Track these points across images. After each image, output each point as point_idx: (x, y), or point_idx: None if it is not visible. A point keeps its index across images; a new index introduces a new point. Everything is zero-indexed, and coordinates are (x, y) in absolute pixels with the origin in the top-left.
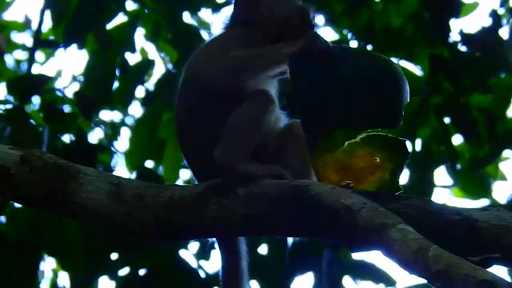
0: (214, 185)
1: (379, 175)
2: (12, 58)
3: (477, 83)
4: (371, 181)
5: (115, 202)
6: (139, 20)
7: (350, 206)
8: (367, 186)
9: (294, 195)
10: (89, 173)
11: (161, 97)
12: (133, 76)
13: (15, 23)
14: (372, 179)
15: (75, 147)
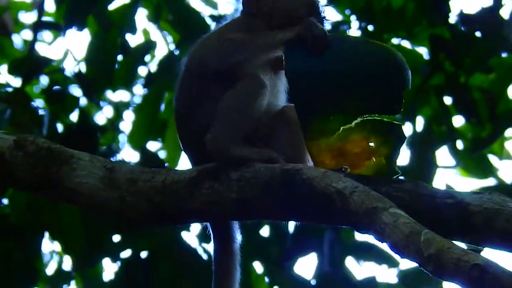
0: (206, 169)
1: (375, 159)
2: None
3: (477, 63)
4: (367, 166)
5: (108, 187)
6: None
7: (342, 190)
8: (363, 171)
9: (286, 179)
10: (82, 158)
11: (162, 78)
12: (134, 57)
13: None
14: (368, 164)
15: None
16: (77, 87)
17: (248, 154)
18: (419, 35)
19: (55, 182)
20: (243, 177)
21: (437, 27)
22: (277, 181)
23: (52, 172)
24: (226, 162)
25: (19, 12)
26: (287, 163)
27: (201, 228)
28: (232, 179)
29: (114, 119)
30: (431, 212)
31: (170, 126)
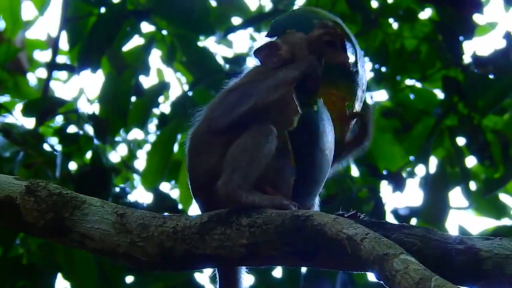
0: (218, 215)
1: None
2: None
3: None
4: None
5: (120, 232)
6: (154, 43)
7: (353, 236)
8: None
9: (297, 225)
10: (94, 203)
11: (176, 119)
12: (148, 98)
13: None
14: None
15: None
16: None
17: (259, 200)
18: (433, 77)
19: (67, 228)
20: (254, 223)
21: (451, 69)
22: (288, 227)
23: (64, 218)
24: (237, 208)
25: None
26: (298, 209)
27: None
28: (243, 225)
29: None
30: (442, 257)
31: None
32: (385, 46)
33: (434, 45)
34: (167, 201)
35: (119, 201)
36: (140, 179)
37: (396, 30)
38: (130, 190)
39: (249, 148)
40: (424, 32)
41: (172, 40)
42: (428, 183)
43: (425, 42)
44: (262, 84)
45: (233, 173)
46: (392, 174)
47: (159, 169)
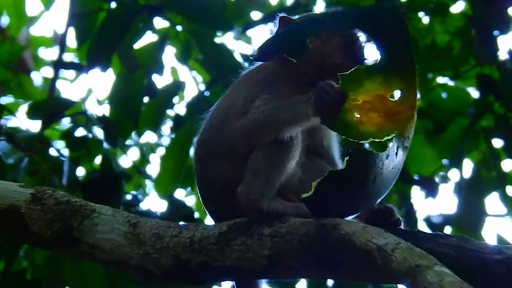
0: (237, 224)
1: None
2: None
3: None
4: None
5: (133, 243)
6: (168, 39)
7: (383, 246)
8: (390, 129)
9: (323, 234)
10: (104, 212)
11: (192, 121)
12: (161, 99)
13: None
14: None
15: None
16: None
17: (283, 208)
18: (466, 74)
19: (75, 238)
20: (277, 232)
21: (485, 66)
22: (313, 236)
23: (72, 228)
24: (258, 216)
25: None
26: (324, 218)
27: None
28: (265, 235)
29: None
30: (478, 269)
31: None
32: (415, 41)
33: (467, 40)
34: (183, 209)
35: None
36: (153, 185)
37: (427, 25)
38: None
39: (274, 152)
40: (456, 26)
41: (187, 36)
42: (463, 189)
43: (457, 38)
44: (280, 115)
45: (255, 178)
46: (424, 179)
47: (174, 175)
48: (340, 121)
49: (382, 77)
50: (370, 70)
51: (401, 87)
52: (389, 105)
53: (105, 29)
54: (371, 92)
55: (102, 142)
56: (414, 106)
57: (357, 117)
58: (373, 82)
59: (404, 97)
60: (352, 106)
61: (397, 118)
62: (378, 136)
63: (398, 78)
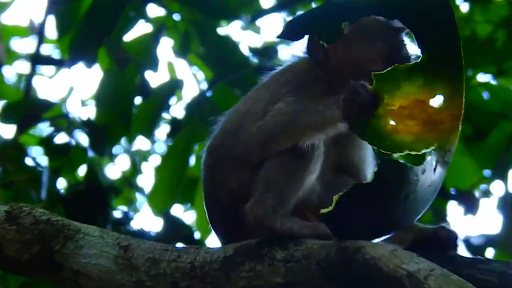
0: (245, 247)
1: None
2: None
3: None
4: (434, 132)
5: (124, 269)
6: (164, 30)
7: (415, 273)
8: (430, 139)
9: (345, 259)
10: (91, 233)
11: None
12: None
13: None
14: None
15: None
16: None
17: (298, 228)
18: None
19: (57, 263)
20: (291, 256)
21: None
22: (333, 261)
23: (53, 251)
24: (270, 237)
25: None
26: (345, 240)
27: None
28: (277, 259)
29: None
30: None
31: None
32: None
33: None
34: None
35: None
36: (146, 200)
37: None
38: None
39: (291, 162)
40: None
41: (186, 26)
42: (508, 204)
43: (502, 28)
44: (303, 118)
45: (266, 193)
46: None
47: (171, 188)
48: (372, 128)
49: (423, 79)
50: (409, 70)
51: (445, 92)
52: (430, 112)
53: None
54: (409, 96)
55: (87, 149)
56: (459, 114)
57: (391, 125)
58: (412, 84)
59: (448, 103)
60: (386, 112)
61: (438, 128)
62: (415, 148)
63: (442, 81)
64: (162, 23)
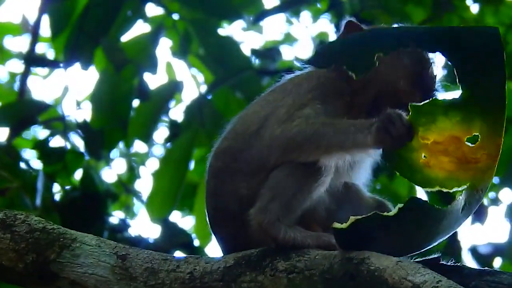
0: (247, 257)
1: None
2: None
3: None
4: (467, 171)
5: (121, 279)
6: (163, 30)
7: (420, 285)
8: (462, 179)
9: (349, 270)
10: (88, 242)
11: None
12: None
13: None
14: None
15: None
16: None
17: (302, 238)
18: None
19: (52, 273)
20: (294, 267)
21: None
22: (337, 272)
23: (49, 261)
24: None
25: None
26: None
27: None
28: (280, 270)
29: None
30: None
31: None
32: None
33: None
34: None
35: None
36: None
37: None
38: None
39: (301, 173)
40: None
41: (186, 26)
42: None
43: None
44: (333, 135)
45: (272, 201)
46: None
47: (170, 194)
48: (404, 160)
49: (461, 116)
50: (448, 105)
51: (483, 131)
52: (465, 150)
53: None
54: (445, 131)
55: (83, 154)
56: (496, 155)
57: (424, 159)
58: (449, 120)
59: (485, 143)
60: (420, 145)
61: (472, 167)
62: (447, 185)
63: (481, 120)
64: (161, 23)
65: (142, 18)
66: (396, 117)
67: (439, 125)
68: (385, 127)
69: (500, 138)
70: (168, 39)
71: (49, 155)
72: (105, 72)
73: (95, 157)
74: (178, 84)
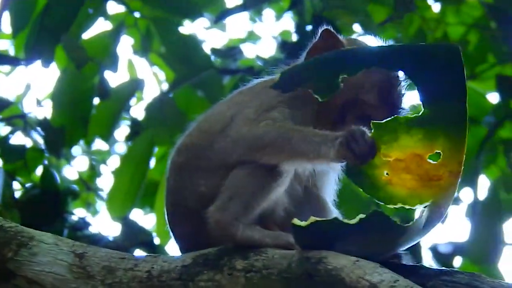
0: (205, 256)
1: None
2: None
3: None
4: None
5: (79, 278)
6: (124, 28)
7: (377, 284)
8: (425, 196)
9: (307, 269)
10: (45, 240)
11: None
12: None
13: None
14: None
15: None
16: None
17: (260, 237)
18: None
19: (9, 271)
20: (252, 266)
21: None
22: (295, 271)
23: (6, 259)
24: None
25: None
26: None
27: None
28: (237, 269)
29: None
30: None
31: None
32: (423, 34)
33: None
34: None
35: (77, 234)
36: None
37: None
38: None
39: (261, 173)
40: (473, 17)
41: (148, 25)
42: (477, 212)
43: (474, 30)
44: (298, 142)
45: (231, 200)
46: None
47: (130, 192)
48: (366, 177)
49: (423, 133)
50: (410, 122)
51: (445, 148)
52: (427, 167)
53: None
54: (407, 149)
55: (43, 151)
56: (458, 172)
57: (386, 176)
58: (412, 137)
59: (447, 160)
60: (382, 162)
61: (435, 184)
62: (408, 202)
63: (443, 137)
64: (122, 21)
65: (103, 16)
66: (359, 135)
67: (401, 142)
68: (348, 144)
69: (462, 155)
70: (130, 37)
71: (10, 152)
72: (66, 70)
73: (55, 154)
74: (139, 82)
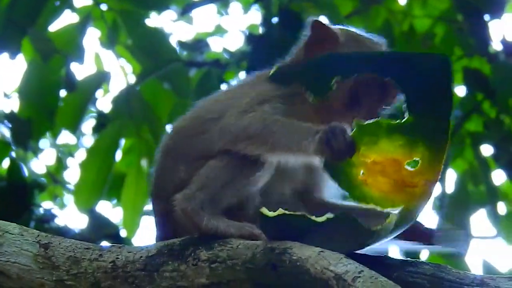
0: (169, 246)
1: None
2: None
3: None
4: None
5: (44, 268)
6: (91, 21)
7: (342, 275)
8: (398, 203)
9: (271, 260)
10: (10, 230)
11: (119, 119)
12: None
13: None
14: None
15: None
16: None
17: (224, 227)
18: None
19: None
20: (217, 256)
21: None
22: (260, 262)
23: None
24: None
25: None
26: (272, 241)
27: None
28: (202, 260)
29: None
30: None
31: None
32: (389, 27)
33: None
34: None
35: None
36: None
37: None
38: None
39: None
40: (439, 9)
41: (114, 17)
42: (444, 205)
43: (441, 23)
44: (283, 133)
45: (200, 189)
46: None
47: (97, 185)
48: (344, 173)
49: (404, 140)
50: (392, 128)
51: (424, 157)
52: (404, 173)
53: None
54: (385, 153)
55: (10, 143)
56: (434, 182)
57: (362, 176)
58: (392, 142)
59: (425, 169)
60: (359, 162)
61: (409, 191)
62: (381, 204)
63: (424, 146)
64: (88, 13)
65: (69, 8)
66: (339, 132)
67: (381, 146)
68: (326, 139)
69: (440, 165)
70: (96, 29)
71: None
72: (32, 62)
73: (22, 147)
74: (106, 75)
